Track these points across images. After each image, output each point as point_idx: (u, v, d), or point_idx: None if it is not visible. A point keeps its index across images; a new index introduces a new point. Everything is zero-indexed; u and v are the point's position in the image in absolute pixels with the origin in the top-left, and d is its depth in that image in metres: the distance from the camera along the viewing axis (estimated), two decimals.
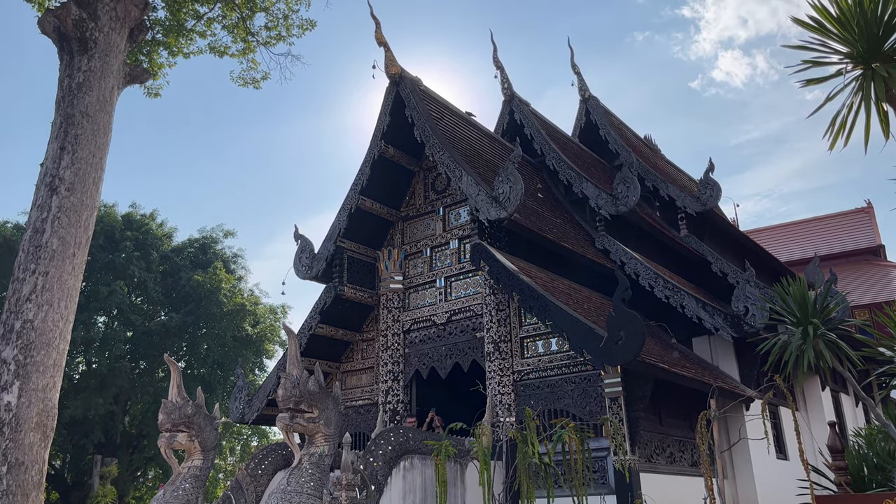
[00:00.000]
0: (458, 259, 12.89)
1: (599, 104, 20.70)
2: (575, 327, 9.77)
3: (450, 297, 12.79)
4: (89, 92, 9.50)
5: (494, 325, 11.52)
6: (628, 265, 13.40)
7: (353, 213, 13.31)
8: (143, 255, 33.74)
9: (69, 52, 9.64)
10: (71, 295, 8.83)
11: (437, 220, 13.50)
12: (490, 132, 16.48)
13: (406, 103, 13.21)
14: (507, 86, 17.80)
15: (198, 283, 34.00)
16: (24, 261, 8.61)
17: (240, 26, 15.73)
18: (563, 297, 10.84)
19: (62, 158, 9.11)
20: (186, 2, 15.13)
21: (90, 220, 9.35)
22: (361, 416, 13.34)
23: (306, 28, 16.36)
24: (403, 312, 13.31)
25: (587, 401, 10.27)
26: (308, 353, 12.88)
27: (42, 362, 8.18)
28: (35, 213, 8.90)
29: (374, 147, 13.43)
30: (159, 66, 15.29)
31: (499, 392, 11.10)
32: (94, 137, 9.44)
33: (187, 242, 37.88)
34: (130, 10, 10.23)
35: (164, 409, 7.15)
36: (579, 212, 15.23)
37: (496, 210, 11.18)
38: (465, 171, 11.96)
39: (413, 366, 12.90)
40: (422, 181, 14.08)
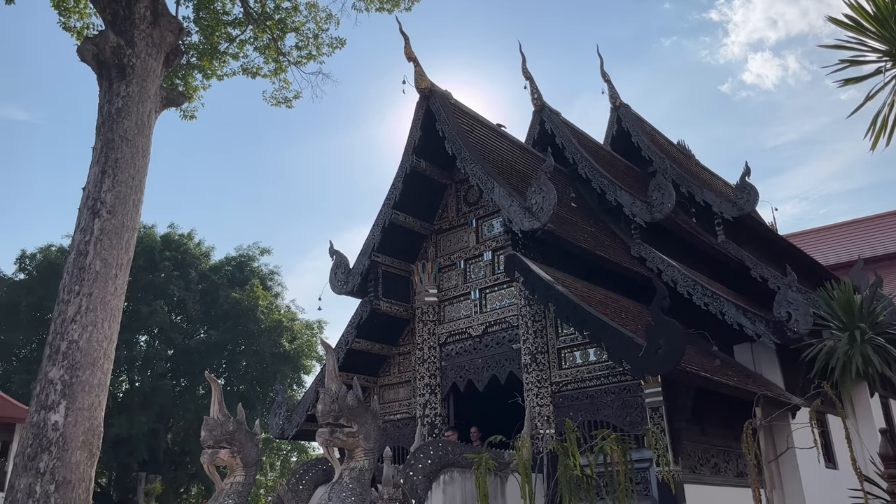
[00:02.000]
0: (493, 271, 12.87)
1: (631, 111, 20.54)
2: (613, 337, 9.65)
3: (485, 309, 12.76)
4: (128, 117, 9.74)
5: (531, 337, 11.45)
6: (665, 273, 13.22)
7: (387, 227, 13.38)
8: (182, 274, 34.37)
9: (108, 78, 9.90)
10: (114, 315, 9.02)
11: (470, 233, 13.50)
12: (521, 143, 16.46)
13: (436, 117, 13.28)
14: (537, 96, 17.78)
15: (236, 300, 34.48)
16: (69, 283, 8.82)
17: (271, 47, 16.02)
18: (600, 307, 10.73)
19: (103, 182, 9.34)
20: (219, 25, 15.47)
21: (131, 241, 9.55)
22: (400, 430, 13.33)
23: (336, 46, 16.61)
24: (439, 325, 13.32)
25: (627, 411, 10.12)
26: (346, 367, 12.94)
27: (87, 382, 8.35)
28: (78, 236, 9.12)
29: (406, 161, 13.50)
30: (194, 88, 15.64)
31: (537, 404, 11.01)
32: (134, 161, 9.66)
33: (224, 261, 38.48)
34: (166, 35, 10.48)
35: (206, 427, 7.24)
36: (613, 220, 15.09)
37: (529, 220, 11.14)
38: (497, 182, 11.95)
39: (450, 379, 12.87)
40: (454, 194, 14.11)
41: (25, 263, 34.15)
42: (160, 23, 10.38)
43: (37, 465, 7.70)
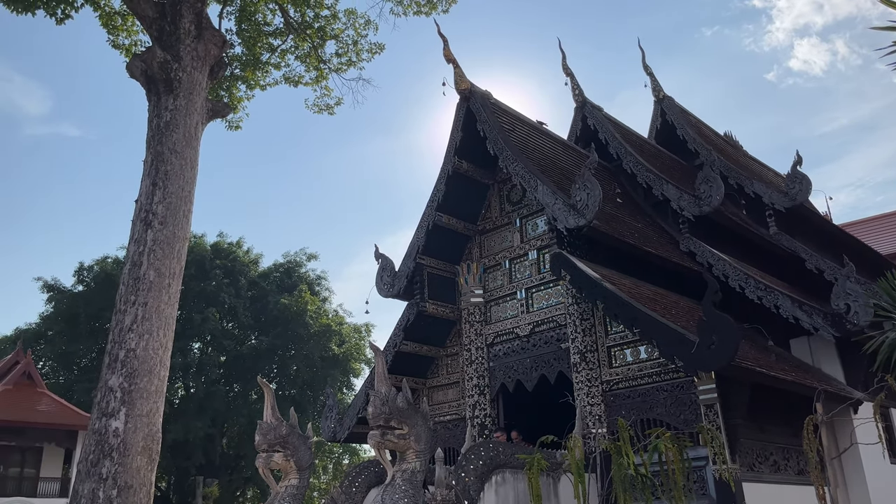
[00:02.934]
0: (538, 270, 12.78)
1: (675, 104, 20.19)
2: (664, 334, 9.49)
3: (531, 309, 12.68)
4: (176, 130, 9.95)
5: (579, 335, 11.33)
6: (716, 267, 12.95)
7: (431, 229, 13.41)
8: (232, 281, 35.06)
9: (156, 93, 10.14)
10: (168, 323, 9.23)
11: (514, 232, 13.44)
12: (563, 140, 16.32)
13: (477, 117, 13.26)
14: (578, 92, 17.61)
15: (285, 306, 35.02)
16: (125, 293, 9.06)
17: (312, 55, 16.21)
18: (650, 304, 10.56)
19: (154, 194, 9.56)
20: (261, 36, 15.72)
21: (182, 251, 9.76)
22: (450, 432, 13.34)
23: (375, 52, 16.71)
24: (486, 326, 13.29)
25: (681, 409, 9.94)
26: (394, 370, 13.00)
27: (145, 389, 8.56)
28: (132, 248, 9.35)
29: (448, 163, 13.52)
30: (238, 99, 15.92)
31: (588, 403, 10.89)
32: (183, 172, 9.87)
33: (273, 267, 39.12)
34: (210, 48, 10.69)
35: (260, 431, 7.36)
36: (661, 215, 14.84)
37: (574, 218, 11.03)
38: (541, 180, 11.87)
39: (498, 379, 12.83)
40: (497, 194, 14.07)
41: (84, 275, 35.30)
42: (204, 37, 10.60)
43: (99, 471, 7.92)
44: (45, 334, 34.47)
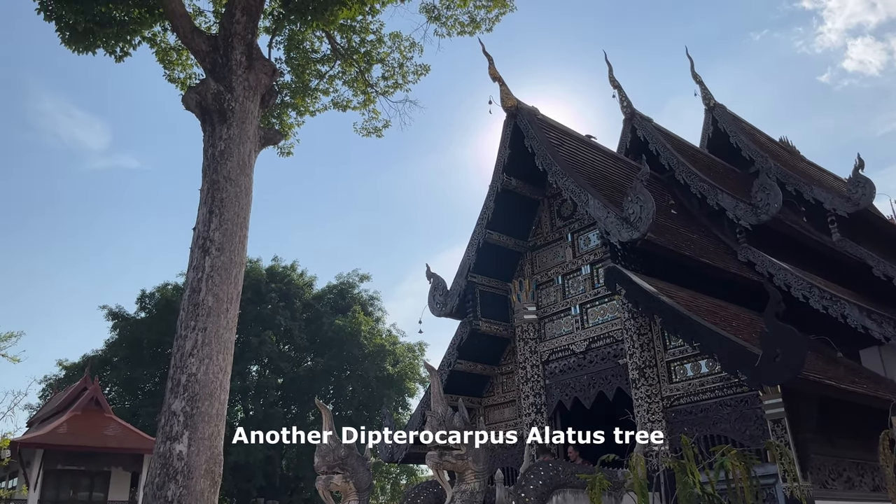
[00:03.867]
0: (592, 285, 12.61)
1: (726, 111, 19.79)
2: (725, 347, 9.22)
3: (587, 325, 12.49)
4: (230, 158, 10.20)
5: (637, 351, 11.11)
6: (777, 277, 12.55)
7: (481, 247, 13.39)
8: (287, 304, 35.63)
9: (210, 123, 10.43)
10: (227, 348, 9.39)
11: (566, 247, 13.31)
12: (613, 153, 16.15)
13: (525, 134, 13.24)
14: (627, 104, 17.43)
15: (339, 327, 35.37)
16: (185, 318, 9.26)
17: (359, 80, 16.46)
18: (709, 316, 10.29)
19: (211, 221, 9.79)
20: (309, 63, 16.06)
21: (239, 276, 9.95)
22: (508, 451, 13.19)
23: (421, 73, 16.87)
24: (540, 343, 13.15)
25: (747, 425, 9.61)
26: (449, 389, 12.96)
27: (207, 412, 8.72)
28: (191, 274, 9.58)
29: (497, 180, 13.50)
30: (289, 126, 16.25)
31: (649, 420, 10.64)
32: (238, 199, 10.09)
33: (326, 289, 39.61)
34: (261, 78, 10.95)
35: (318, 453, 7.41)
36: (717, 225, 14.50)
37: (628, 231, 10.86)
38: (591, 194, 11.75)
39: (555, 397, 12.66)
40: (547, 209, 13.97)
41: (146, 302, 36.38)
42: (255, 67, 10.87)
43: (165, 494, 8.08)
44: (111, 360, 35.58)
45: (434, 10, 16.11)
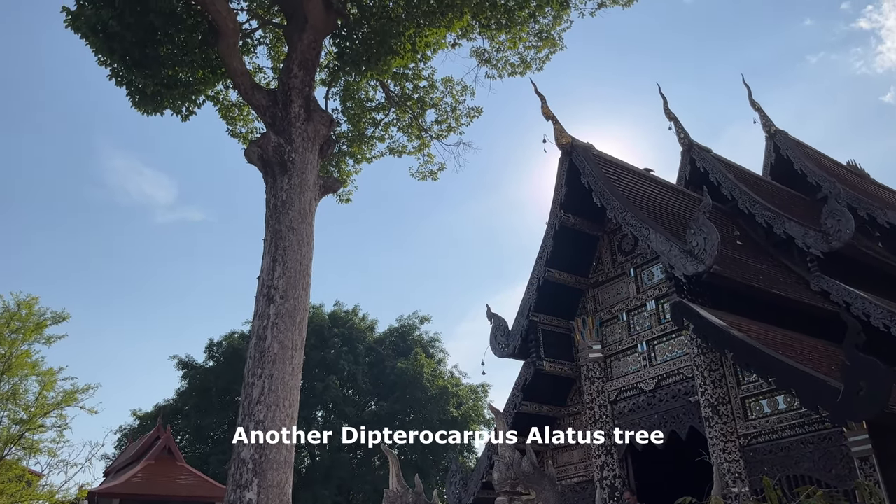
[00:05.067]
0: (658, 320, 12.30)
1: (788, 137, 19.30)
2: (804, 382, 8.81)
3: (654, 362, 12.15)
4: (292, 207, 10.44)
5: (709, 387, 10.72)
6: (854, 306, 11.99)
7: (542, 285, 13.26)
8: (350, 349, 35.91)
9: (272, 175, 10.73)
10: (293, 394, 9.48)
11: (629, 283, 13.06)
12: (672, 185, 15.89)
13: (581, 170, 13.17)
14: (684, 135, 17.20)
15: (401, 370, 35.41)
16: (252, 366, 9.41)
17: (413, 125, 16.74)
18: (784, 349, 9.88)
19: (275, 270, 9.99)
20: (364, 112, 16.45)
21: (303, 322, 10.08)
22: (578, 495, 12.82)
23: (473, 116, 17.06)
24: (607, 382, 12.84)
25: (831, 463, 9.11)
26: (515, 431, 12.73)
27: (275, 460, 8.77)
28: (257, 322, 9.75)
29: (554, 218, 13.43)
30: (347, 173, 16.60)
31: (725, 460, 10.20)
32: (300, 247, 10.29)
33: (388, 332, 39.81)
34: (319, 128, 11.24)
35: (387, 499, 7.35)
36: (785, 254, 14.01)
37: (693, 264, 10.59)
38: (653, 228, 11.54)
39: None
40: (607, 245, 13.78)
41: (214, 351, 37.24)
42: (313, 118, 11.18)
43: None
44: (182, 409, 36.39)
45: (484, 54, 16.35)
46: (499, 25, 14.96)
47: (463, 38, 15.64)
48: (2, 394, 27.79)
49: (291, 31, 11.73)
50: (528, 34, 15.79)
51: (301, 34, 11.49)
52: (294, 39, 11.58)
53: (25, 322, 28.39)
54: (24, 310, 28.50)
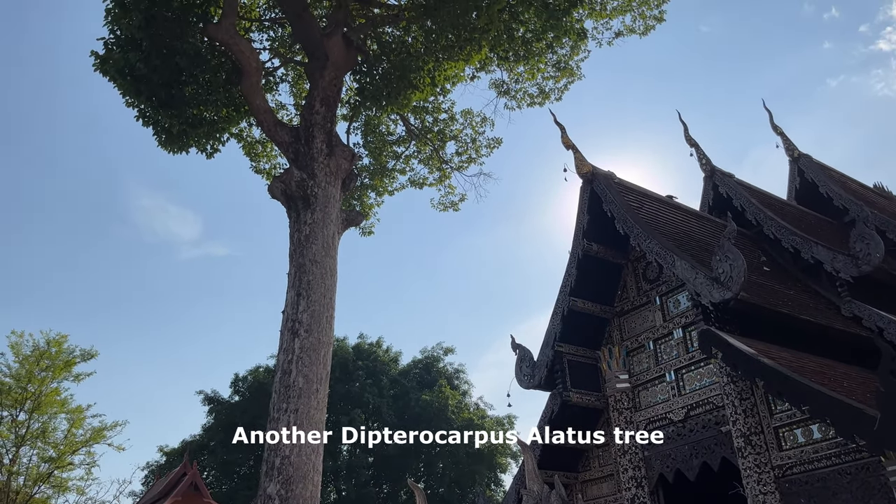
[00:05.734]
0: (686, 349, 12.11)
1: (812, 160, 19.12)
2: (838, 410, 8.58)
3: (683, 391, 11.94)
4: (315, 242, 10.51)
5: (740, 417, 10.49)
6: (888, 330, 11.72)
7: (566, 315, 13.15)
8: (374, 381, 35.79)
9: (295, 209, 10.83)
10: (319, 428, 9.45)
11: (654, 311, 12.91)
12: (696, 211, 15.77)
13: (602, 198, 13.13)
14: (706, 161, 17.11)
15: (426, 402, 35.17)
16: (277, 401, 9.41)
17: (434, 157, 16.87)
18: (816, 377, 9.66)
19: (299, 304, 10.04)
20: (385, 145, 16.62)
21: (327, 356, 10.09)
22: None
23: (493, 146, 17.17)
24: (635, 412, 12.63)
25: (871, 494, 8.83)
26: (544, 464, 12.53)
27: (301, 495, 8.71)
28: (282, 356, 9.78)
29: (577, 247, 13.36)
30: (369, 206, 16.73)
31: (760, 492, 9.93)
32: (323, 281, 10.33)
33: (412, 364, 39.66)
34: (341, 163, 11.37)
35: None
36: (814, 279, 13.78)
37: (719, 291, 10.45)
38: (677, 255, 11.43)
39: (655, 469, 12.03)
40: (631, 273, 13.66)
41: (239, 386, 37.31)
42: (335, 153, 11.31)
43: None
44: (208, 445, 36.38)
45: (503, 85, 16.50)
46: (517, 57, 15.11)
47: (481, 70, 15.82)
48: (31, 432, 28.04)
49: (313, 69, 11.93)
50: (546, 65, 15.93)
51: (322, 71, 11.69)
52: (315, 76, 11.78)
53: (55, 360, 28.78)
54: (54, 348, 28.92)
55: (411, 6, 12.52)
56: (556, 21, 14.23)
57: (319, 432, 9.49)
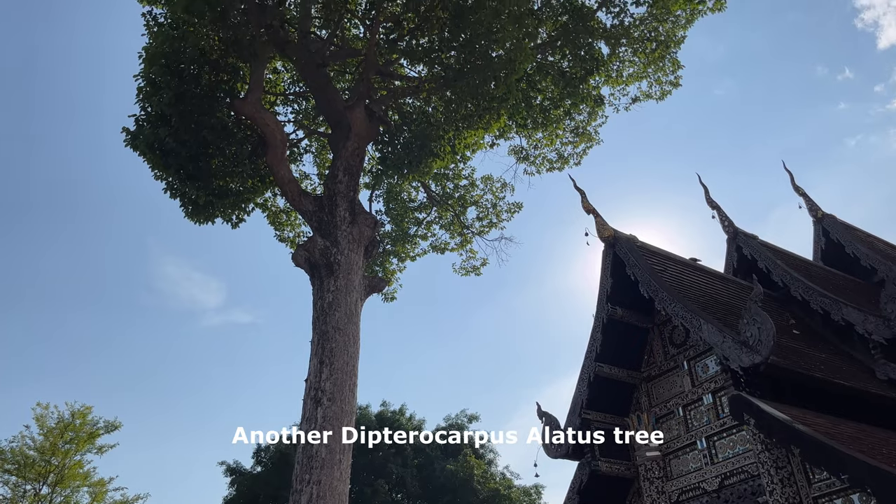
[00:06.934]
0: (717, 415, 11.78)
1: (837, 220, 18.98)
2: (880, 479, 8.22)
3: (716, 459, 11.56)
4: (338, 309, 10.55)
5: (777, 487, 10.09)
6: None
7: (593, 381, 12.92)
8: (398, 451, 35.12)
9: (319, 277, 10.91)
10: (342, 500, 9.25)
11: (683, 376, 12.64)
12: (720, 273, 15.61)
13: (625, 262, 13.07)
14: (728, 223, 17.04)
15: (451, 472, 34.36)
16: (300, 472, 9.27)
17: (455, 223, 17.02)
18: (854, 444, 9.32)
19: (322, 372, 10.00)
20: (407, 212, 16.82)
21: (351, 424, 9.97)
22: None
23: (514, 211, 17.32)
24: (667, 482, 12.21)
25: None
26: None
27: None
28: (304, 426, 9.68)
29: (602, 311, 13.23)
30: (392, 272, 16.82)
31: None
32: (346, 348, 10.31)
33: (436, 432, 38.86)
34: (364, 230, 11.50)
35: None
36: (846, 342, 13.45)
37: (748, 355, 10.23)
38: (704, 318, 11.26)
39: None
40: (658, 337, 13.45)
41: (261, 456, 36.76)
42: (358, 221, 11.46)
43: None
44: None
45: (522, 151, 16.76)
46: (535, 124, 15.39)
47: (501, 137, 16.12)
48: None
49: (336, 140, 12.22)
50: (564, 131, 16.21)
51: (345, 142, 11.97)
52: (339, 147, 12.05)
53: (79, 432, 28.71)
54: (78, 419, 28.89)
55: (431, 78, 12.87)
56: (573, 89, 14.56)
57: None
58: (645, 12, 14.28)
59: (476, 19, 10.96)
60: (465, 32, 11.25)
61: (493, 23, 11.10)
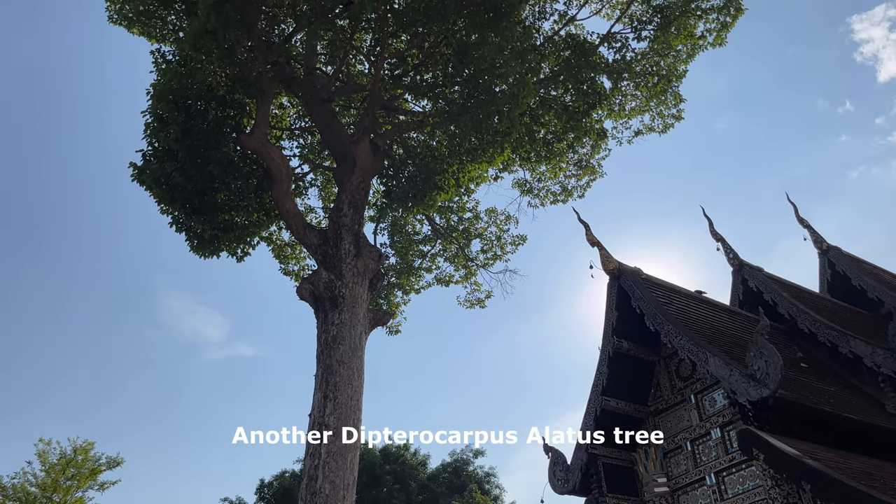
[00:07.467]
0: (725, 450, 11.63)
1: (842, 252, 18.92)
2: None
3: (726, 495, 11.37)
4: (342, 342, 10.49)
5: None
6: None
7: (599, 415, 12.78)
8: (402, 486, 34.67)
9: (323, 310, 10.88)
10: None
11: (690, 410, 12.50)
12: (726, 306, 15.52)
13: (630, 295, 13.02)
14: (733, 255, 17.01)
15: None
16: None
17: (459, 255, 17.02)
18: (865, 479, 9.16)
19: (326, 406, 9.91)
20: (412, 245, 16.83)
21: (355, 460, 9.85)
22: None
23: (518, 243, 17.31)
24: None
25: None
26: None
27: None
28: (308, 462, 9.56)
29: (607, 344, 13.14)
30: (396, 305, 16.76)
31: None
32: (351, 382, 10.23)
33: (441, 468, 38.45)
34: (368, 263, 11.49)
35: None
36: (854, 375, 13.32)
37: (756, 389, 10.13)
38: (710, 352, 11.17)
39: None
40: (664, 370, 13.34)
41: (264, 492, 36.29)
42: (362, 254, 11.46)
43: None
44: None
45: (526, 184, 16.82)
46: (539, 158, 15.47)
47: (505, 170, 16.19)
48: None
49: (341, 173, 12.29)
50: (567, 164, 16.28)
51: (350, 176, 12.04)
52: (344, 180, 12.11)
53: (81, 468, 28.40)
54: (80, 455, 28.61)
55: (436, 112, 12.98)
56: (576, 122, 14.66)
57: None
58: (646, 47, 14.45)
59: (479, 55, 11.08)
60: (468, 68, 11.37)
61: (496, 58, 11.23)
